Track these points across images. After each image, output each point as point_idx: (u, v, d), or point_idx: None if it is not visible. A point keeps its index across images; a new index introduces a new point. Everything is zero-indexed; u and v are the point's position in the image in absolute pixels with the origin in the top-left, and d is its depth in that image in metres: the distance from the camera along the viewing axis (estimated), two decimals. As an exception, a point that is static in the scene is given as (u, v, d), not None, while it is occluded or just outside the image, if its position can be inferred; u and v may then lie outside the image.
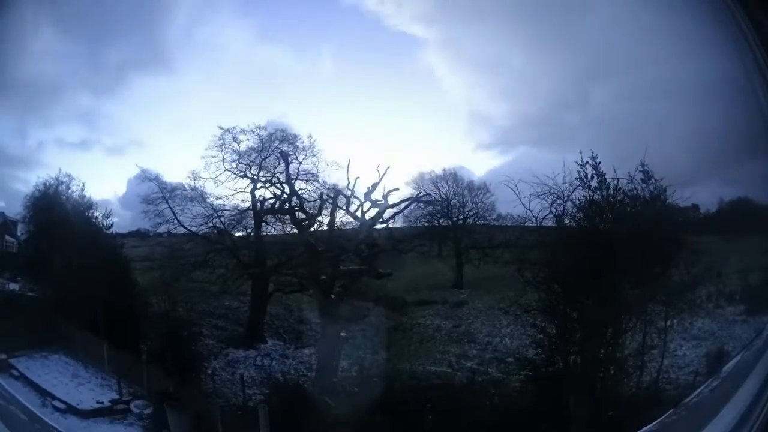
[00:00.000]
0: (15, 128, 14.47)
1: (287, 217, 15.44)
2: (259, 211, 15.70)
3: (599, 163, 12.16)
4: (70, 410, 11.82)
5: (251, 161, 15.42)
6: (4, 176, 14.83)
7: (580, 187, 12.28)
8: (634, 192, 12.29)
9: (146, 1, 14.53)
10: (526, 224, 13.38)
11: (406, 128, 15.78)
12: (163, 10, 15.28)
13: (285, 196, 15.31)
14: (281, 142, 15.43)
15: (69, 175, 14.62)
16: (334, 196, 15.04)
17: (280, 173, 15.42)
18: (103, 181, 16.25)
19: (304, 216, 15.22)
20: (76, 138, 15.97)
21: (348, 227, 15.37)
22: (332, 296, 14.45)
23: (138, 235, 16.03)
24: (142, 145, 15.49)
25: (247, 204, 15.65)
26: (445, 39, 15.81)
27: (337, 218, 15.15)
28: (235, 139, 15.28)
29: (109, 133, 15.67)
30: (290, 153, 15.35)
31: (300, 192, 15.35)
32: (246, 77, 15.89)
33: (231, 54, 15.94)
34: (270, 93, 15.81)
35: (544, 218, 12.60)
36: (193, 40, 15.63)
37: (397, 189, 15.06)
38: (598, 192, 12.28)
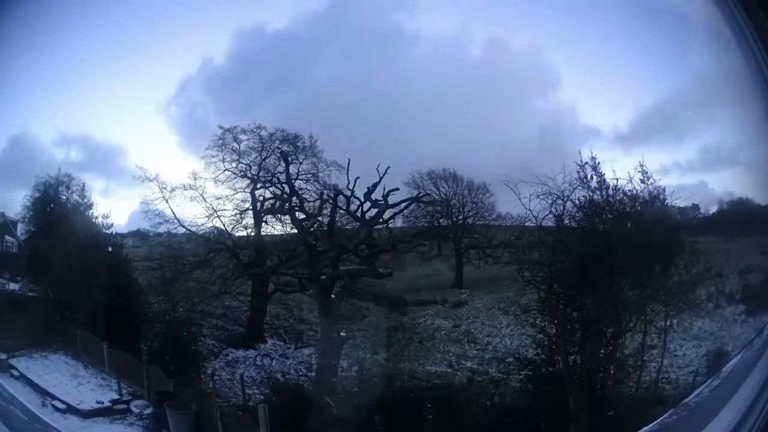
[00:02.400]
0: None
1: (287, 217, 15.44)
2: (259, 211, 15.69)
3: (599, 163, 12.19)
4: (70, 410, 11.82)
5: (251, 161, 15.42)
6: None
7: (580, 187, 12.30)
8: (634, 192, 12.31)
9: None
10: (526, 224, 13.38)
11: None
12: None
13: (285, 196, 15.31)
14: (281, 142, 15.43)
15: (69, 175, 14.65)
16: (334, 196, 15.03)
17: (280, 173, 15.42)
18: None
19: (304, 216, 15.21)
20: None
21: (348, 227, 15.37)
22: (332, 296, 14.45)
23: (138, 235, 16.01)
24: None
25: (247, 204, 15.67)
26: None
27: (337, 218, 15.14)
28: (235, 139, 15.29)
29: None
30: (290, 153, 15.34)
31: (300, 192, 15.37)
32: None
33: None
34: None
35: (544, 218, 12.60)
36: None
37: (397, 189, 15.04)
38: (598, 192, 12.30)
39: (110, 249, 14.93)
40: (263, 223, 15.84)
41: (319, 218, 15.18)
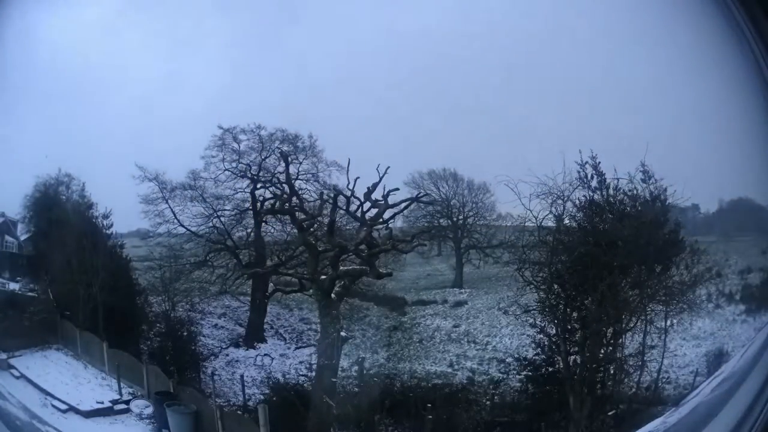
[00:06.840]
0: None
1: (287, 217, 15.43)
2: (259, 211, 15.70)
3: (599, 163, 12.16)
4: (71, 410, 11.83)
5: (251, 161, 15.44)
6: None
7: (580, 187, 12.29)
8: (634, 192, 12.29)
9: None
10: (526, 224, 13.37)
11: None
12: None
13: (285, 196, 15.31)
14: (281, 142, 15.44)
15: (69, 175, 14.63)
16: (334, 196, 15.02)
17: (280, 173, 15.43)
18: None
19: (304, 216, 15.20)
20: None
21: (348, 227, 15.37)
22: (332, 296, 14.45)
23: (138, 235, 16.01)
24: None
25: (247, 204, 15.68)
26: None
27: (337, 218, 15.13)
28: (235, 139, 15.30)
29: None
30: (290, 153, 15.35)
31: (300, 192, 15.37)
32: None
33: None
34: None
35: (544, 218, 12.59)
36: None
37: (397, 189, 15.03)
38: (598, 192, 12.29)
39: (110, 249, 14.94)
40: (263, 223, 15.87)
41: (319, 218, 15.17)
